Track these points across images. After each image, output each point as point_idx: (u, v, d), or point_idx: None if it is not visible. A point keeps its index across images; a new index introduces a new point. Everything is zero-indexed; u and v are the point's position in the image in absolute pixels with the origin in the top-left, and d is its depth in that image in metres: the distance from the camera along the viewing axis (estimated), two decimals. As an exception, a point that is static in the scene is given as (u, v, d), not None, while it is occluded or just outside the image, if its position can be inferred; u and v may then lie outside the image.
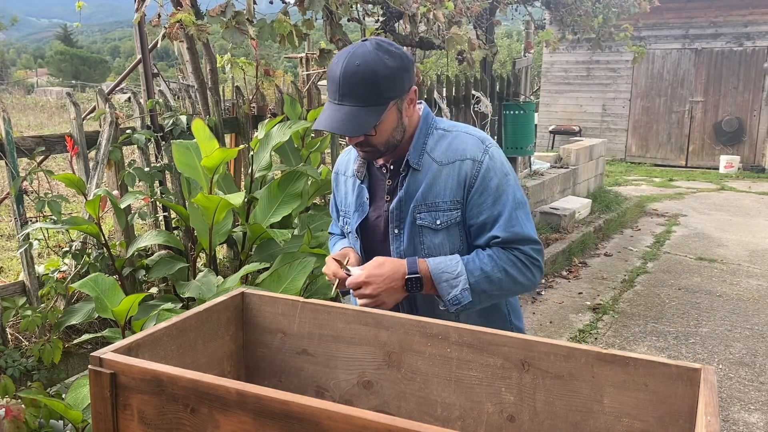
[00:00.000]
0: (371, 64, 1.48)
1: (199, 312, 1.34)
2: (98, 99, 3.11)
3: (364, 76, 1.48)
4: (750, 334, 4.46)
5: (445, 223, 1.62)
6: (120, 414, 1.08)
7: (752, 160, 11.72)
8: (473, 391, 1.29)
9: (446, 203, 1.61)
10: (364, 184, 1.72)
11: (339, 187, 1.84)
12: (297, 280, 2.51)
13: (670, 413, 1.15)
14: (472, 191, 1.59)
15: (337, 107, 1.51)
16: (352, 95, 1.49)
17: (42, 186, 4.59)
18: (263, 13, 3.40)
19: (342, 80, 1.49)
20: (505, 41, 22.52)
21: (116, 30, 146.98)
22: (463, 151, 1.61)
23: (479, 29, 5.95)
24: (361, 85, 1.48)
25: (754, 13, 11.37)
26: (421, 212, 1.62)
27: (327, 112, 1.53)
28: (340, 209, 1.84)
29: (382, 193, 1.71)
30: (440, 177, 1.61)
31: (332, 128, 1.50)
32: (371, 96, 1.50)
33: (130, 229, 3.10)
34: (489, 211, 1.60)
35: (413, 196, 1.63)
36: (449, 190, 1.61)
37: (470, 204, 1.61)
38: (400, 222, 1.65)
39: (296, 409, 0.93)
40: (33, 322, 2.67)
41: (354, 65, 1.48)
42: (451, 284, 1.56)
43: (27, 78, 43.27)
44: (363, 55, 1.49)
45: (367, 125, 1.51)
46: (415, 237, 1.64)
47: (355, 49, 1.51)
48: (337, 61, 1.51)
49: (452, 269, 1.57)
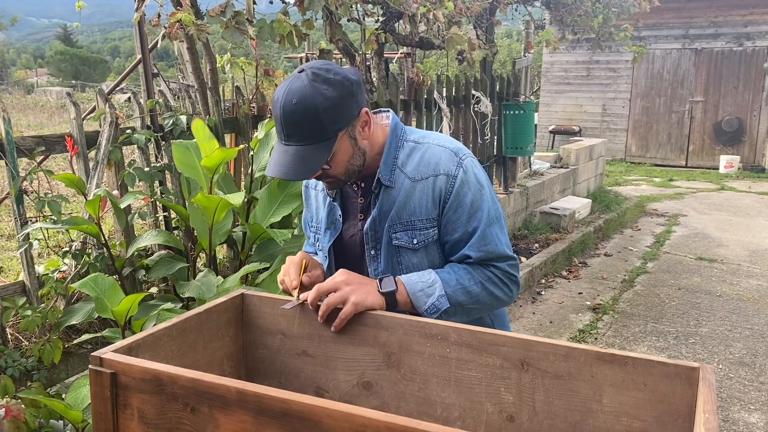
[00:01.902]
0: (308, 99, 1.38)
1: (199, 313, 1.34)
2: (98, 99, 3.11)
3: (304, 113, 1.38)
4: (750, 334, 4.46)
5: (422, 242, 1.54)
6: (120, 414, 1.08)
7: (752, 160, 11.73)
8: (473, 391, 1.29)
9: (422, 221, 1.53)
10: (336, 201, 1.62)
11: (310, 202, 1.74)
12: (297, 280, 2.50)
13: (669, 412, 1.15)
14: (446, 207, 1.52)
15: (284, 148, 1.43)
16: (296, 134, 1.40)
17: (42, 186, 4.59)
18: (263, 13, 3.40)
19: (283, 120, 1.40)
20: (505, 41, 22.53)
21: (116, 30, 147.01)
22: (436, 166, 1.52)
23: (479, 29, 5.95)
24: (302, 124, 1.39)
25: (754, 13, 11.38)
26: (396, 231, 1.54)
27: (275, 157, 1.44)
28: (310, 225, 1.75)
29: (355, 211, 1.62)
30: (414, 194, 1.52)
31: (282, 174, 1.42)
32: (315, 133, 1.40)
33: (130, 229, 3.10)
34: (463, 228, 1.53)
35: (387, 215, 1.54)
36: (424, 208, 1.53)
37: (444, 220, 1.53)
38: (376, 243, 1.57)
39: (296, 408, 0.93)
40: (33, 322, 2.67)
41: (291, 104, 1.38)
42: (426, 293, 1.48)
43: (27, 78, 43.30)
44: (299, 91, 1.39)
45: (316, 164, 1.42)
46: (392, 257, 1.56)
47: (290, 84, 1.41)
48: (276, 99, 1.42)
49: (425, 278, 1.50)
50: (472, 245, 1.53)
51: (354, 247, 1.62)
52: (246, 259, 3.02)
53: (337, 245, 1.64)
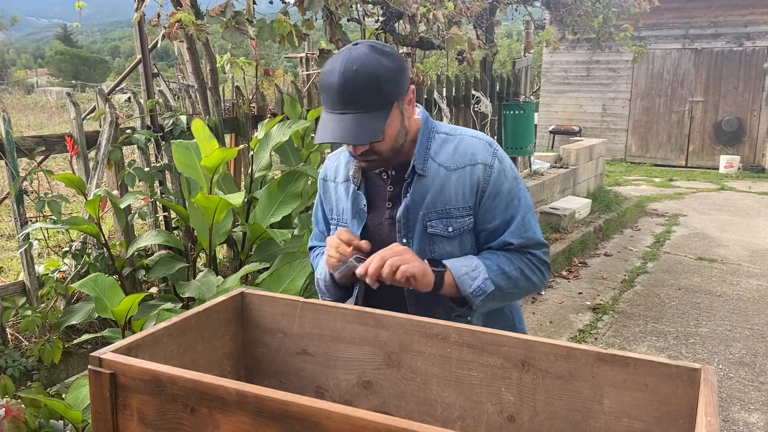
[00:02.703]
0: (370, 67, 1.41)
1: (199, 312, 1.34)
2: (98, 99, 3.11)
3: (365, 79, 1.41)
4: (750, 334, 4.46)
5: (458, 230, 1.57)
6: (120, 414, 1.08)
7: (752, 160, 11.72)
8: (473, 391, 1.29)
9: (458, 209, 1.56)
10: (361, 190, 1.64)
11: (328, 195, 1.74)
12: (297, 280, 2.51)
13: (670, 413, 1.15)
14: (484, 196, 1.56)
15: (339, 117, 1.43)
16: (354, 102, 1.42)
17: (42, 186, 4.59)
18: (263, 13, 3.40)
19: (341, 88, 1.41)
20: (505, 41, 22.52)
21: (116, 30, 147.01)
22: (473, 156, 1.56)
23: (479, 29, 5.95)
24: (362, 90, 1.41)
25: (754, 13, 11.38)
26: (431, 219, 1.56)
27: (328, 124, 1.44)
28: (330, 218, 1.75)
29: (382, 199, 1.63)
30: (449, 183, 1.56)
31: (341, 138, 1.42)
32: (374, 100, 1.43)
33: (130, 229, 3.10)
34: (502, 216, 1.57)
35: (421, 203, 1.56)
36: (461, 196, 1.56)
37: (482, 209, 1.57)
38: (408, 231, 1.58)
39: (296, 410, 0.93)
40: (33, 322, 2.67)
41: (352, 70, 1.40)
42: (471, 276, 1.52)
43: (27, 78, 43.30)
44: (359, 59, 1.42)
45: (375, 131, 1.44)
46: (425, 245, 1.58)
47: (348, 53, 1.44)
48: (331, 68, 1.43)
49: (469, 263, 1.54)
50: (513, 232, 1.57)
51: (382, 235, 1.62)
52: (246, 259, 3.02)
53: (363, 235, 1.64)
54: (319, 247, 1.83)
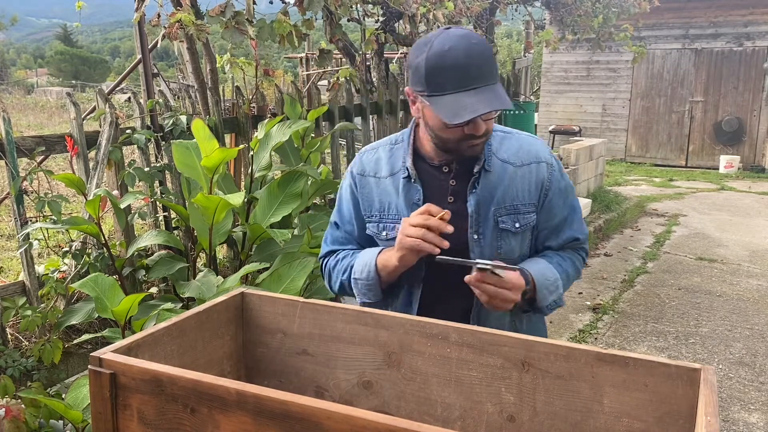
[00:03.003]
0: (482, 40, 1.42)
1: (199, 312, 1.34)
2: (98, 99, 3.11)
3: (488, 51, 1.41)
4: (750, 334, 4.46)
5: (524, 226, 1.58)
6: (120, 414, 1.08)
7: (752, 160, 11.72)
8: (473, 391, 1.29)
9: (525, 206, 1.57)
10: (417, 183, 1.58)
11: (367, 191, 1.64)
12: (297, 280, 2.51)
13: (670, 413, 1.15)
14: (549, 194, 1.58)
15: (474, 92, 1.38)
16: (485, 75, 1.40)
17: (42, 186, 4.59)
18: (263, 13, 3.40)
19: (471, 61, 1.38)
20: (505, 41, 22.53)
21: (116, 30, 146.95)
22: (537, 154, 1.59)
23: (479, 29, 5.95)
24: (489, 61, 1.41)
25: (754, 13, 11.37)
26: (501, 215, 1.56)
27: (464, 100, 1.38)
28: (369, 215, 1.65)
29: (442, 193, 1.58)
30: (516, 179, 1.56)
31: (489, 107, 1.37)
32: (495, 71, 1.43)
33: (130, 229, 3.10)
34: (561, 213, 1.61)
35: (491, 199, 1.55)
36: (527, 193, 1.57)
37: (545, 206, 1.59)
38: (479, 225, 1.56)
39: (296, 410, 0.93)
40: (33, 322, 2.67)
41: (472, 43, 1.39)
42: (550, 290, 1.55)
43: (27, 78, 43.29)
44: (470, 34, 1.41)
45: (508, 98, 1.41)
46: (494, 241, 1.56)
47: (455, 32, 1.41)
48: (447, 48, 1.38)
49: (550, 275, 1.55)
50: (576, 229, 1.64)
51: None
52: (246, 259, 3.02)
53: None
54: (343, 250, 1.71)
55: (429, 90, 1.42)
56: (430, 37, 1.43)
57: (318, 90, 4.32)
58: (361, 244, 1.69)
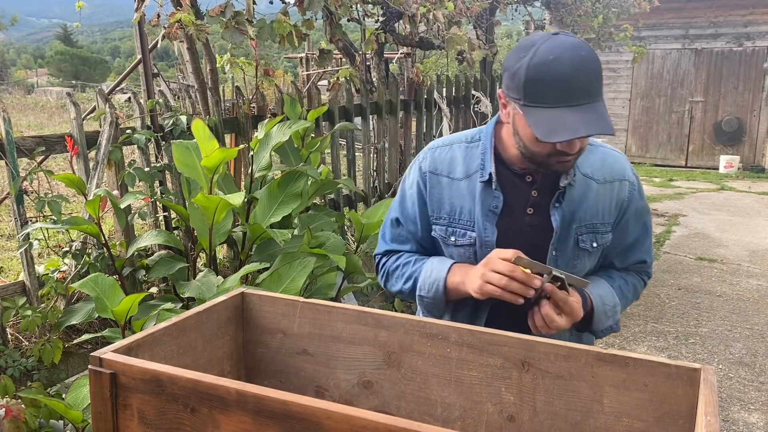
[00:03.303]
0: (592, 52, 1.28)
1: (199, 312, 1.34)
2: (98, 99, 3.11)
3: (596, 64, 1.28)
4: (750, 334, 4.46)
5: (600, 246, 1.49)
6: (120, 414, 1.08)
7: (752, 160, 11.73)
8: (473, 391, 1.29)
9: (603, 225, 1.49)
10: (498, 190, 1.47)
11: (437, 191, 1.53)
12: (297, 280, 2.51)
13: (670, 413, 1.15)
14: (626, 214, 1.50)
15: (574, 109, 1.26)
16: (588, 91, 1.28)
17: (42, 186, 4.59)
18: (263, 13, 3.40)
19: (577, 74, 1.25)
20: (505, 41, 22.50)
21: (116, 30, 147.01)
22: (621, 171, 1.50)
23: (479, 29, 5.95)
24: (594, 77, 1.28)
25: (754, 13, 11.38)
26: (582, 233, 1.47)
27: (563, 117, 1.26)
28: (435, 217, 1.54)
29: (521, 203, 1.48)
30: (599, 196, 1.47)
31: (592, 130, 1.25)
32: (600, 88, 1.30)
33: (130, 229, 3.10)
34: (635, 233, 1.53)
35: (574, 215, 1.46)
36: (606, 211, 1.48)
37: (620, 226, 1.51)
38: (560, 242, 1.46)
39: (296, 409, 0.93)
40: (33, 322, 2.67)
41: (581, 56, 1.26)
42: (607, 314, 1.49)
43: (27, 78, 43.29)
44: (579, 44, 1.27)
45: (610, 119, 1.29)
46: (572, 260, 1.48)
47: (563, 41, 1.28)
48: (554, 57, 1.25)
49: (609, 301, 1.49)
50: (645, 251, 1.56)
51: (516, 241, 1.45)
52: (246, 259, 3.02)
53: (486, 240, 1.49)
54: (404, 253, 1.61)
55: (525, 99, 1.30)
56: (535, 40, 1.31)
57: (318, 90, 4.32)
58: (423, 245, 1.60)
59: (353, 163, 4.57)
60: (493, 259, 1.36)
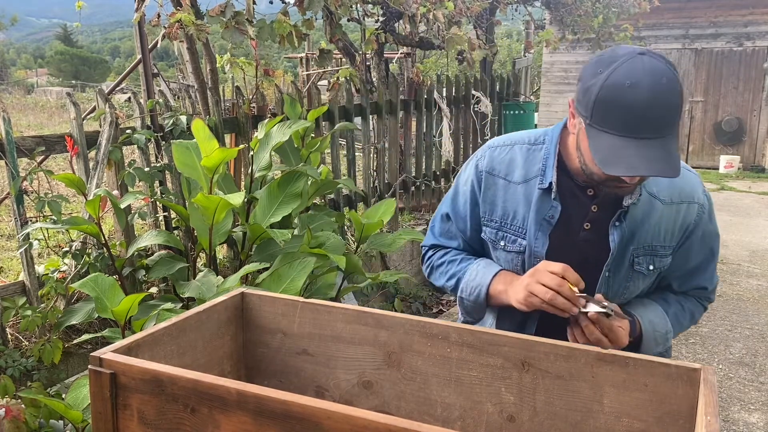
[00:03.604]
0: (675, 81, 1.17)
1: (199, 312, 1.34)
2: (98, 99, 3.11)
3: (676, 96, 1.17)
4: (750, 334, 4.46)
5: (657, 269, 1.41)
6: (120, 414, 1.08)
7: (752, 160, 11.72)
8: (473, 391, 1.29)
9: (664, 248, 1.40)
10: (557, 200, 1.40)
11: (492, 192, 1.47)
12: (297, 280, 2.50)
13: (670, 413, 1.15)
14: (690, 237, 1.42)
15: (642, 143, 1.17)
16: (660, 126, 1.17)
17: (42, 186, 4.59)
18: (263, 13, 3.40)
19: (650, 105, 1.15)
20: (505, 41, 22.52)
21: (116, 30, 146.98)
22: (691, 192, 1.41)
23: (479, 29, 5.95)
24: (671, 111, 1.17)
25: (754, 13, 11.37)
26: (639, 255, 1.40)
27: (628, 150, 1.17)
28: (487, 219, 1.48)
29: (578, 217, 1.41)
30: (663, 217, 1.39)
31: (656, 172, 1.17)
32: (675, 122, 1.19)
33: (130, 229, 3.10)
34: (698, 258, 1.45)
35: (633, 236, 1.38)
36: (669, 234, 1.40)
37: (682, 249, 1.43)
38: (615, 264, 1.40)
39: (296, 410, 0.93)
40: (33, 322, 2.67)
41: (661, 85, 1.15)
42: (657, 341, 1.43)
43: (27, 78, 43.27)
44: (664, 71, 1.16)
45: (678, 159, 1.20)
46: (624, 281, 1.42)
47: (648, 64, 1.17)
48: (629, 84, 1.16)
49: (661, 327, 1.42)
50: (707, 278, 1.49)
51: (568, 255, 1.38)
52: (246, 259, 3.02)
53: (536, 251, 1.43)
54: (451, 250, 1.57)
55: (592, 120, 1.22)
56: (617, 56, 1.21)
57: (318, 90, 4.32)
58: (471, 244, 1.55)
59: (353, 163, 4.57)
60: (541, 271, 1.31)
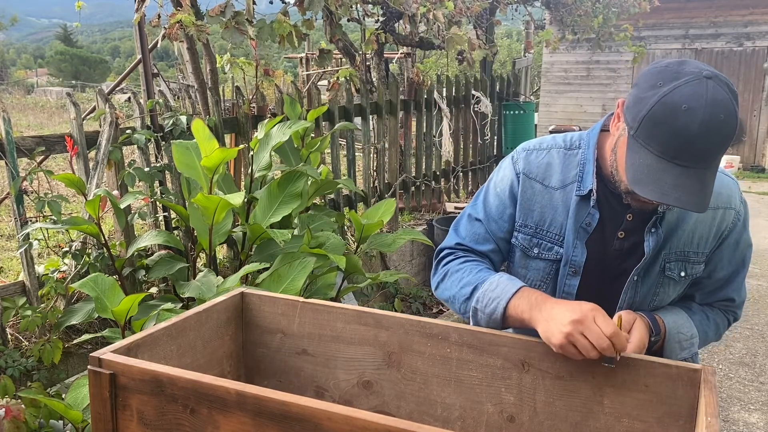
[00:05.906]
0: (733, 117, 1.13)
1: (199, 312, 1.34)
2: (98, 99, 3.11)
3: (729, 132, 1.12)
4: (750, 334, 4.46)
5: (689, 276, 1.39)
6: (120, 414, 1.08)
7: (752, 160, 11.73)
8: (473, 391, 1.28)
9: (697, 254, 1.38)
10: (596, 208, 1.37)
11: (529, 197, 1.43)
12: (297, 280, 2.50)
13: (671, 414, 1.15)
14: (723, 244, 1.39)
15: (681, 171, 1.13)
16: (704, 156, 1.13)
17: (42, 186, 4.59)
18: (263, 13, 3.40)
19: (700, 134, 1.10)
20: (505, 41, 22.52)
21: (116, 30, 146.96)
22: (728, 198, 1.37)
23: (479, 29, 5.95)
24: (720, 145, 1.13)
25: (754, 13, 11.38)
26: (670, 261, 1.37)
27: (664, 177, 1.14)
28: (522, 224, 1.44)
29: (613, 225, 1.38)
30: (698, 223, 1.36)
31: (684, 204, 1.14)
32: (720, 156, 1.16)
33: (130, 229, 3.10)
34: (728, 267, 1.42)
35: (666, 242, 1.36)
36: (704, 240, 1.37)
37: (715, 257, 1.40)
38: (646, 269, 1.38)
39: (295, 410, 0.93)
40: (33, 322, 2.67)
41: (719, 121, 1.11)
42: (682, 346, 1.38)
43: (27, 78, 43.25)
44: (724, 104, 1.12)
45: (710, 194, 1.17)
46: (653, 287, 1.40)
47: (712, 94, 1.12)
48: (686, 108, 1.11)
49: (686, 330, 1.39)
50: (735, 289, 1.46)
51: (601, 264, 1.39)
52: (246, 259, 3.02)
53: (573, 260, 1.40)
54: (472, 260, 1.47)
55: (636, 132, 1.18)
56: (683, 73, 1.16)
57: (318, 90, 4.32)
58: (499, 246, 1.48)
59: (353, 163, 4.57)
60: (590, 321, 1.16)
